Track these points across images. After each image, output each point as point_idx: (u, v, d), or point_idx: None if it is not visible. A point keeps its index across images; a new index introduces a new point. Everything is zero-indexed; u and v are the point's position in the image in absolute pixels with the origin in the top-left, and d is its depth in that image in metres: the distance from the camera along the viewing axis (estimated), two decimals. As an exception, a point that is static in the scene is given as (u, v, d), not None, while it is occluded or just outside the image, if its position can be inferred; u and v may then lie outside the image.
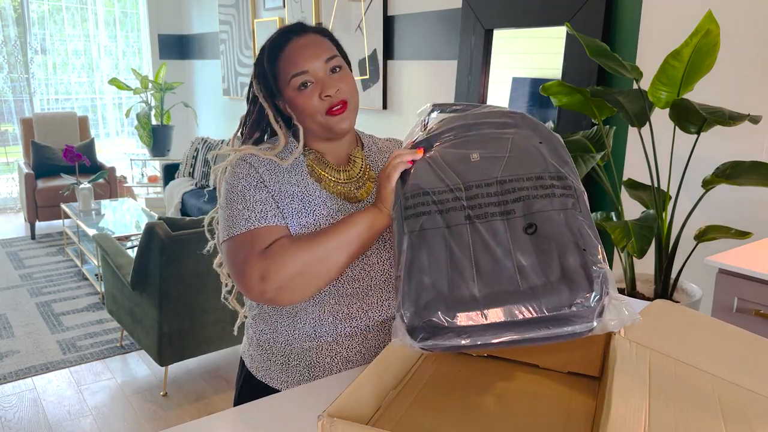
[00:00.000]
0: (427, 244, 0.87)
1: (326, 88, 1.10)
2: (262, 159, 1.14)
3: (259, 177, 1.12)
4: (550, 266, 0.80)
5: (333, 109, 1.10)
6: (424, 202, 0.92)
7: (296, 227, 1.11)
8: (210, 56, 6.26)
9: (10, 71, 5.96)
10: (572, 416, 0.87)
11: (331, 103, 1.10)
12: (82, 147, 5.49)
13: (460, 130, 1.01)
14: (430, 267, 0.84)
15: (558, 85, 2.19)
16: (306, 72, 1.10)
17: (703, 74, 1.99)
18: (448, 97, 3.55)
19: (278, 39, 1.14)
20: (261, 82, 1.16)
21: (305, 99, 1.10)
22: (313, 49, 1.11)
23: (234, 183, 1.12)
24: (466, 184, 0.91)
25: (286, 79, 1.11)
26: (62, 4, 6.18)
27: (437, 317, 0.79)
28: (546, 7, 2.90)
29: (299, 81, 1.10)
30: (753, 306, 1.76)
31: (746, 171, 2.00)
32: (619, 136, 2.67)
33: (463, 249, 0.85)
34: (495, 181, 0.90)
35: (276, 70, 1.13)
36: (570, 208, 0.84)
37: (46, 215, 5.17)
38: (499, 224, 0.85)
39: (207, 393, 2.84)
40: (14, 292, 4.04)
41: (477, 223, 0.86)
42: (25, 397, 2.80)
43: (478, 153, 0.95)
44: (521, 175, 0.89)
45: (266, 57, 1.14)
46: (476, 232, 0.85)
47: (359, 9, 4.09)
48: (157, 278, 2.61)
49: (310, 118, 1.12)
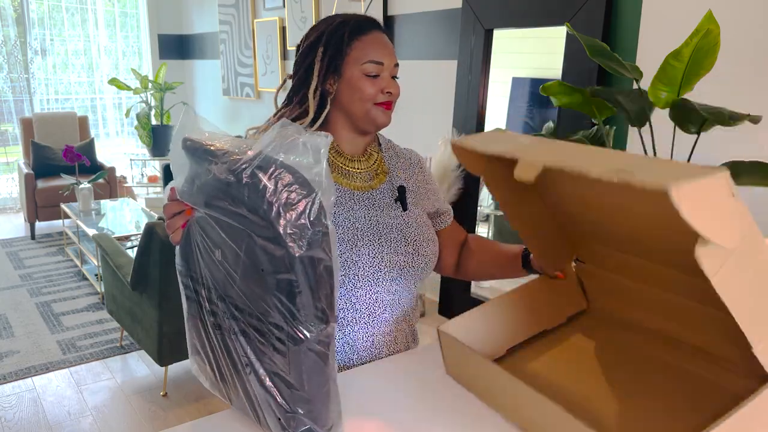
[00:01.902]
0: (196, 329, 0.94)
1: (390, 86, 1.16)
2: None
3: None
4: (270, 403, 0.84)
5: (381, 101, 1.16)
6: (186, 284, 0.94)
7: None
8: (210, 56, 6.26)
9: (9, 71, 5.96)
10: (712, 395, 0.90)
11: (385, 100, 1.16)
12: (81, 147, 5.49)
13: (212, 193, 0.85)
14: (203, 348, 0.93)
15: (558, 85, 2.19)
16: (382, 64, 1.15)
17: (703, 74, 1.99)
18: (448, 97, 3.55)
19: (364, 24, 1.17)
20: (328, 52, 1.15)
21: (369, 84, 1.14)
22: (390, 49, 1.18)
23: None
24: (213, 284, 0.88)
25: (359, 61, 1.14)
26: (62, 5, 6.17)
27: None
28: (546, 7, 2.90)
29: (373, 69, 1.14)
30: (753, 306, 1.75)
31: (746, 171, 2.00)
32: (619, 136, 2.67)
33: (217, 352, 0.90)
34: (233, 303, 0.85)
35: (350, 48, 1.15)
36: (280, 365, 0.82)
37: (46, 215, 5.17)
38: (237, 345, 0.86)
39: (207, 393, 2.83)
40: (14, 292, 4.04)
41: (223, 335, 0.88)
42: (24, 397, 2.80)
43: (219, 251, 0.85)
44: (250, 310, 0.83)
45: (348, 32, 1.15)
46: (223, 343, 0.89)
47: (359, 9, 4.09)
48: (157, 278, 2.61)
49: (361, 102, 1.15)
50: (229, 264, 0.83)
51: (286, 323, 0.79)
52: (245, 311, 0.83)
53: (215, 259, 0.85)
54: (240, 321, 0.84)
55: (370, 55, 1.14)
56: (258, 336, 0.82)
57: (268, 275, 0.78)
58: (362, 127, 1.19)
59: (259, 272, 0.79)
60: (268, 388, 0.83)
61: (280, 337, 0.80)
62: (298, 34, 4.79)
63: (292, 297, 0.78)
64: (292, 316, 0.78)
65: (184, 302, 0.96)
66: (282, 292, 0.78)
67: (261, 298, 0.80)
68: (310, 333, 0.79)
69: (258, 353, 0.83)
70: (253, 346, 0.83)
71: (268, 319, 0.80)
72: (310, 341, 0.79)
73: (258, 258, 0.79)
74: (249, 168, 0.78)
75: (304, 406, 0.82)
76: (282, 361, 0.81)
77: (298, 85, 1.20)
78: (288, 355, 0.80)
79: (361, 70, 1.14)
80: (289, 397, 0.82)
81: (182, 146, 0.91)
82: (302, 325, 0.79)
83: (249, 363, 0.84)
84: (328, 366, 0.82)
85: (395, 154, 1.30)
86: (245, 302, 0.82)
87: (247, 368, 0.84)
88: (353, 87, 1.15)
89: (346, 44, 1.15)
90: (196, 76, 6.63)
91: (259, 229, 0.77)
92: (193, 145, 0.89)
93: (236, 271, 0.82)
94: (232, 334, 0.85)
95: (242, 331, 0.84)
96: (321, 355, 0.81)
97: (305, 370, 0.80)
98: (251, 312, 0.82)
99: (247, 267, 0.80)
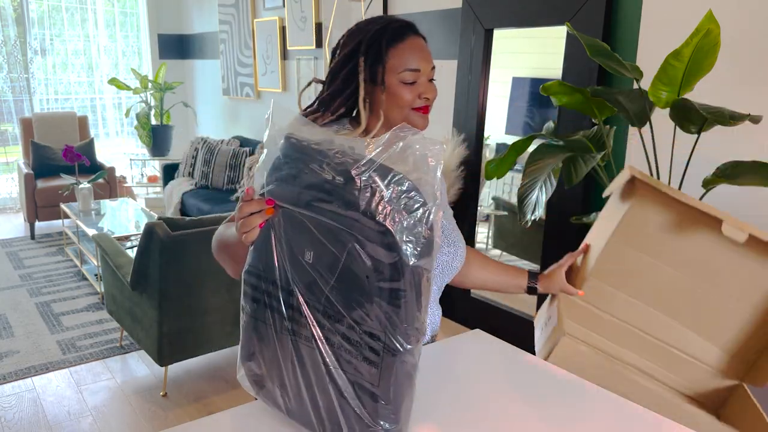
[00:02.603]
0: (258, 333, 0.90)
1: (427, 91, 1.19)
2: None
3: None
4: (345, 416, 0.82)
5: (419, 105, 1.19)
6: (257, 286, 0.90)
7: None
8: (210, 56, 6.25)
9: (9, 71, 5.96)
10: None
11: (423, 105, 1.19)
12: (81, 147, 5.49)
13: (316, 194, 0.82)
14: (261, 353, 0.91)
15: (558, 84, 2.19)
16: (419, 71, 1.17)
17: (703, 74, 1.98)
18: (448, 97, 3.55)
19: (399, 31, 1.19)
20: (368, 61, 1.17)
21: (407, 91, 1.17)
22: (426, 53, 1.20)
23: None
24: (296, 287, 0.84)
25: (397, 69, 1.16)
26: (62, 4, 6.17)
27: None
28: (546, 7, 2.90)
29: (410, 77, 1.17)
30: (753, 306, 1.75)
31: (746, 171, 2.00)
32: (620, 136, 2.67)
33: (285, 358, 0.87)
34: (320, 308, 0.82)
35: (387, 57, 1.17)
36: (367, 376, 0.79)
37: (46, 215, 5.17)
38: (315, 353, 0.83)
39: (207, 393, 2.83)
40: (14, 292, 4.04)
41: (297, 341, 0.85)
42: (24, 397, 2.80)
43: (311, 254, 0.82)
44: (341, 317, 0.80)
45: (386, 41, 1.17)
46: (296, 349, 0.85)
47: (359, 9, 4.09)
48: (156, 278, 2.60)
49: (400, 109, 1.18)
50: (322, 267, 0.80)
51: (385, 332, 0.76)
52: (334, 317, 0.80)
53: (304, 261, 0.82)
54: (326, 327, 0.81)
55: (407, 63, 1.16)
56: (346, 344, 0.79)
57: (372, 282, 0.76)
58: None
59: (362, 278, 0.76)
60: (349, 399, 0.80)
61: (374, 347, 0.77)
62: (298, 33, 4.79)
63: (397, 306, 0.76)
64: (393, 325, 0.76)
65: (247, 305, 0.92)
66: (386, 300, 0.76)
67: (359, 305, 0.77)
68: (408, 345, 0.77)
69: (343, 362, 0.80)
70: (338, 355, 0.80)
71: (362, 327, 0.78)
72: (405, 353, 0.77)
73: (362, 264, 0.76)
74: (367, 171, 0.76)
75: (389, 420, 0.79)
76: (371, 372, 0.78)
77: (335, 92, 1.21)
78: (380, 366, 0.77)
79: (399, 78, 1.16)
80: (372, 410, 0.79)
81: (285, 143, 0.88)
82: (402, 335, 0.76)
83: (329, 372, 0.81)
84: (414, 380, 0.81)
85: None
86: (337, 309, 0.79)
87: (326, 377, 0.81)
88: (392, 94, 1.17)
89: (384, 53, 1.17)
90: (196, 76, 6.62)
91: (370, 234, 0.75)
92: (299, 143, 0.87)
93: (331, 275, 0.79)
94: (312, 340, 0.82)
95: (326, 339, 0.81)
96: (412, 369, 0.79)
97: (397, 383, 0.78)
98: (342, 319, 0.79)
99: (347, 272, 0.78)
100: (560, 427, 0.95)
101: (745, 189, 2.32)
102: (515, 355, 1.19)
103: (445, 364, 1.14)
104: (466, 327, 3.30)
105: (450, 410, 0.98)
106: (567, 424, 0.96)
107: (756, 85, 2.25)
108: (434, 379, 1.07)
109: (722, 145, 2.35)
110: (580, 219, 2.36)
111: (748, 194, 2.31)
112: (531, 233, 3.07)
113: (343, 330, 0.79)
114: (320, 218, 0.80)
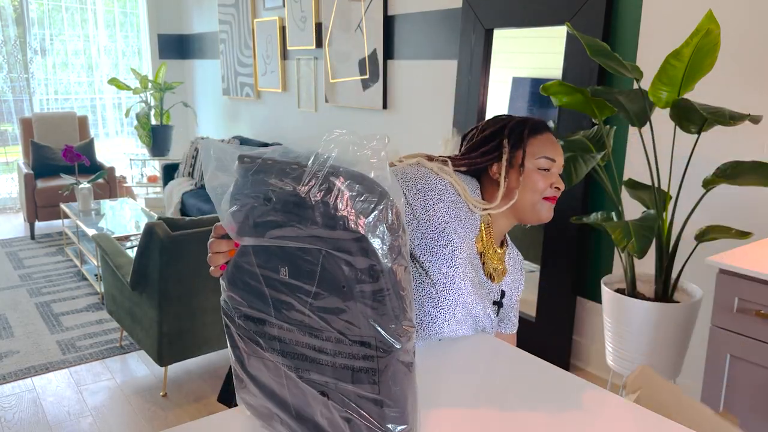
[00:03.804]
0: (245, 363, 0.90)
1: (559, 182, 1.30)
2: (456, 197, 1.26)
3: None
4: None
5: (549, 195, 1.29)
6: (238, 317, 0.89)
7: (436, 272, 1.23)
8: (210, 56, 6.25)
9: (9, 71, 5.96)
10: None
11: (553, 195, 1.29)
12: (81, 147, 5.49)
13: (275, 218, 0.80)
14: (254, 383, 0.90)
15: (558, 84, 2.19)
16: (555, 162, 1.29)
17: (703, 74, 1.98)
18: (448, 97, 3.55)
19: (540, 124, 1.32)
20: (511, 142, 1.30)
21: (542, 178, 1.27)
22: (560, 150, 1.32)
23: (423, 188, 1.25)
24: (278, 312, 0.83)
25: (535, 155, 1.28)
26: (62, 4, 6.17)
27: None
28: (546, 7, 2.90)
29: (547, 164, 1.28)
30: (753, 306, 1.76)
31: (746, 171, 2.00)
32: (620, 135, 2.67)
33: (279, 386, 0.86)
34: (305, 329, 0.81)
35: (527, 144, 1.28)
36: (366, 385, 0.79)
37: (46, 215, 5.17)
38: (311, 372, 0.82)
39: (207, 393, 2.83)
40: (14, 292, 4.04)
41: (289, 367, 0.84)
42: (24, 397, 2.80)
43: (285, 269, 0.80)
44: (327, 331, 0.79)
45: (528, 130, 1.29)
46: (287, 377, 0.85)
47: (359, 9, 4.09)
48: (156, 278, 2.60)
49: (532, 194, 1.27)
50: (300, 277, 0.79)
51: (375, 336, 0.76)
52: (320, 335, 0.79)
53: (279, 278, 0.81)
54: (315, 347, 0.81)
55: (545, 152, 1.28)
56: (338, 359, 0.79)
57: (351, 289, 0.75)
58: (524, 218, 1.30)
59: (340, 288, 0.76)
60: (352, 413, 0.79)
61: (367, 354, 0.77)
62: (298, 33, 4.79)
63: (382, 307, 0.76)
64: (382, 326, 0.76)
65: (233, 339, 0.90)
66: (368, 304, 0.75)
67: (342, 313, 0.77)
68: (400, 343, 0.77)
69: (339, 377, 0.80)
70: (332, 371, 0.80)
71: (349, 337, 0.77)
72: (399, 352, 0.77)
73: (338, 274, 0.76)
74: (317, 183, 0.75)
75: (397, 422, 0.79)
76: (367, 380, 0.78)
77: (477, 158, 1.32)
78: (377, 371, 0.77)
79: (535, 164, 1.27)
80: (378, 416, 0.79)
81: (239, 164, 0.84)
82: (392, 335, 0.77)
83: (325, 393, 0.80)
84: (413, 375, 0.81)
85: (513, 255, 1.44)
86: (322, 323, 0.79)
87: (324, 396, 0.81)
88: (528, 179, 1.27)
89: (525, 139, 1.28)
90: (196, 75, 6.62)
91: (338, 244, 0.75)
92: (252, 163, 0.82)
93: (311, 282, 0.78)
94: (303, 361, 0.82)
95: (314, 359, 0.81)
96: (409, 366, 0.79)
97: (396, 382, 0.78)
98: (329, 335, 0.79)
99: (326, 285, 0.77)
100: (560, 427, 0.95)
101: (745, 189, 2.32)
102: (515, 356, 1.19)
103: (445, 364, 1.14)
104: (466, 327, 3.30)
105: (450, 410, 0.98)
106: (567, 424, 0.96)
107: (756, 85, 2.25)
108: (434, 380, 1.07)
109: (722, 145, 2.35)
110: (580, 219, 2.36)
111: (748, 194, 2.31)
112: (531, 233, 3.07)
113: (330, 347, 0.79)
114: (285, 244, 0.79)
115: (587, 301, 2.92)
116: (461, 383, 1.08)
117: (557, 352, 2.90)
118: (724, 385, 1.86)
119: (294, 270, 0.80)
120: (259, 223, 0.80)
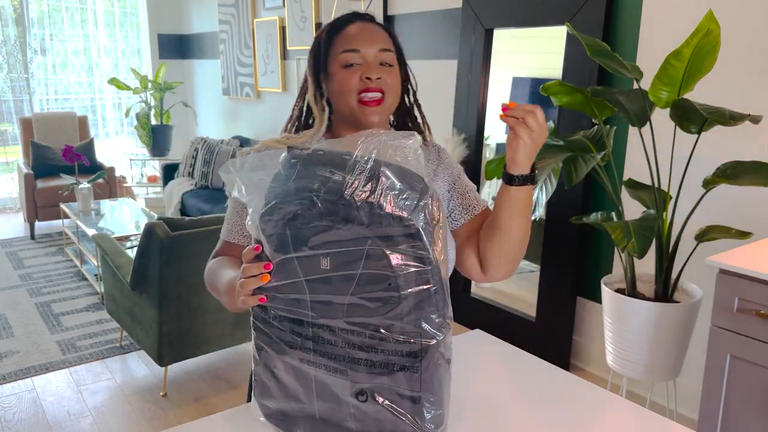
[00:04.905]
0: (274, 368, 0.88)
1: (369, 71, 1.06)
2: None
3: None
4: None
5: (367, 99, 1.06)
6: (269, 321, 0.87)
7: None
8: (210, 56, 6.25)
9: (9, 71, 5.96)
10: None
11: (367, 86, 1.06)
12: (81, 147, 5.48)
13: (319, 225, 0.79)
14: (280, 389, 0.88)
15: (558, 84, 2.19)
16: (357, 51, 1.07)
17: (703, 74, 1.98)
18: (448, 97, 3.55)
19: (344, 18, 1.12)
20: (312, 55, 1.13)
21: (346, 75, 1.06)
22: (372, 34, 1.09)
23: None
24: (313, 303, 0.81)
25: (336, 53, 1.08)
26: (62, 4, 6.17)
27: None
28: (546, 7, 2.90)
29: (348, 58, 1.06)
30: (753, 306, 1.76)
31: (747, 171, 2.00)
32: (620, 136, 2.67)
33: (308, 391, 0.85)
34: (340, 325, 0.80)
35: (330, 44, 1.10)
36: (404, 382, 0.79)
37: (46, 215, 5.17)
38: (347, 374, 0.81)
39: (207, 393, 2.83)
40: (14, 292, 4.04)
41: (326, 366, 0.83)
42: (24, 397, 2.80)
43: (327, 260, 0.79)
44: (366, 324, 0.78)
45: (326, 31, 1.12)
46: (322, 375, 0.84)
47: (359, 9, 4.09)
48: (156, 278, 2.60)
49: (344, 97, 1.07)
50: (342, 266, 0.78)
51: (419, 331, 0.76)
52: (364, 331, 0.78)
53: (321, 269, 0.79)
54: (355, 345, 0.80)
55: (344, 45, 1.07)
56: (379, 356, 0.78)
57: (398, 285, 0.76)
58: (359, 127, 1.08)
59: (386, 283, 0.76)
60: (390, 409, 0.79)
61: (411, 351, 0.77)
62: (298, 33, 4.79)
63: (429, 299, 0.76)
64: (427, 320, 0.76)
65: (260, 346, 0.89)
66: (417, 298, 0.76)
67: (386, 310, 0.77)
68: (442, 334, 0.77)
69: (379, 374, 0.79)
70: (371, 369, 0.79)
71: (392, 330, 0.77)
72: (440, 343, 0.78)
73: (384, 269, 0.76)
74: (361, 181, 0.76)
75: (434, 421, 0.79)
76: (405, 377, 0.78)
77: (298, 96, 1.18)
78: (420, 365, 0.77)
79: (339, 61, 1.07)
80: (414, 412, 0.79)
81: (287, 155, 0.83)
82: (434, 326, 0.77)
83: (364, 392, 0.80)
84: (450, 374, 0.81)
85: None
86: (363, 320, 0.79)
87: (361, 397, 0.81)
88: (334, 82, 1.08)
89: (325, 42, 1.10)
90: (196, 75, 6.62)
91: (385, 240, 0.75)
92: (301, 155, 0.82)
93: (355, 269, 0.78)
94: (341, 361, 0.81)
95: (354, 358, 0.80)
96: (448, 362, 0.80)
97: (436, 377, 0.78)
98: (371, 332, 0.78)
99: (367, 280, 0.77)
100: (560, 427, 0.95)
101: (745, 189, 2.31)
102: (515, 355, 1.19)
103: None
104: (466, 327, 3.30)
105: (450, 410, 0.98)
106: (567, 423, 0.96)
107: (756, 85, 2.25)
108: (434, 380, 1.07)
109: (722, 145, 2.35)
110: (580, 219, 2.36)
111: (748, 194, 2.31)
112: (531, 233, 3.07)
113: (367, 341, 0.79)
114: (329, 249, 0.78)
115: (587, 301, 2.92)
116: (461, 383, 1.07)
117: (557, 352, 2.90)
118: (724, 385, 1.86)
119: (336, 263, 0.79)
120: (301, 233, 0.79)
